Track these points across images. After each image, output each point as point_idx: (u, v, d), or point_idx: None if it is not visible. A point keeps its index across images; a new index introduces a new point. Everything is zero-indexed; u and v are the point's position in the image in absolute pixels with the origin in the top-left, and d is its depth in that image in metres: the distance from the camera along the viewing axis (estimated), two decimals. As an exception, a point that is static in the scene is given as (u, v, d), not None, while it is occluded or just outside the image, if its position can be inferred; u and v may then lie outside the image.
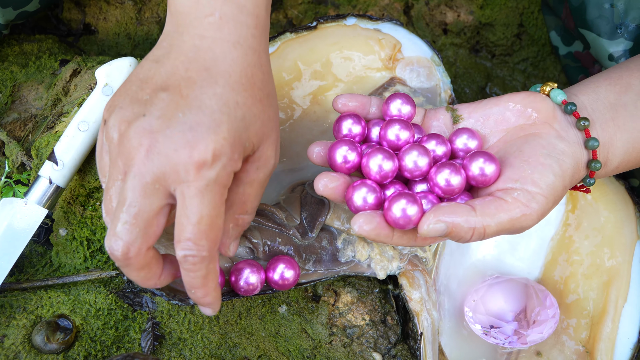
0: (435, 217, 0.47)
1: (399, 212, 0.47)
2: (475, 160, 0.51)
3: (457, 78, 0.93)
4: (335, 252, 0.62)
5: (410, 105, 0.55)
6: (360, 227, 0.47)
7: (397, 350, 0.67)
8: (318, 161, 0.54)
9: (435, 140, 0.54)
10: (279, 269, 0.56)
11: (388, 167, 0.51)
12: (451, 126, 0.57)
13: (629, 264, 0.69)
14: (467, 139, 0.54)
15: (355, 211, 0.50)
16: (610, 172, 0.56)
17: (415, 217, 0.47)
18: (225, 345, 0.66)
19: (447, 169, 0.50)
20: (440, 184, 0.50)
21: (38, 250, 0.69)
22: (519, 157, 0.51)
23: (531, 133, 0.53)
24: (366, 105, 0.56)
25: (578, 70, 0.82)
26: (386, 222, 0.48)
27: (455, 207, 0.47)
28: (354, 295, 0.68)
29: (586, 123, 0.52)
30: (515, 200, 0.48)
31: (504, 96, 0.55)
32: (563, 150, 0.51)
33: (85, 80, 0.70)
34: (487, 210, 0.47)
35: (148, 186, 0.44)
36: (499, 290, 0.68)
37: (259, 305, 0.67)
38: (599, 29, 0.71)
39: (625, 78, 0.55)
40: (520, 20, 0.91)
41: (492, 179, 0.51)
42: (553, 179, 0.49)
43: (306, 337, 0.66)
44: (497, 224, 0.48)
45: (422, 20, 0.93)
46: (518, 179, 0.49)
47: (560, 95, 0.54)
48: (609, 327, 0.67)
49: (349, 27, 0.73)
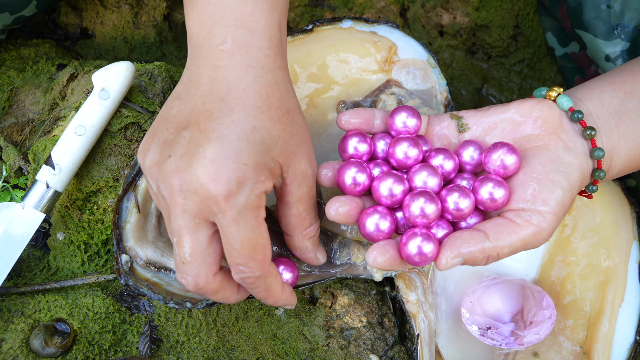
0: (452, 253, 0.47)
1: (414, 249, 0.47)
2: (484, 185, 0.51)
3: (454, 80, 0.93)
4: (330, 254, 0.62)
5: (416, 119, 0.55)
6: (374, 259, 0.48)
7: (394, 352, 0.67)
8: (327, 183, 0.54)
9: (443, 155, 0.53)
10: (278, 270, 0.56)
11: (398, 191, 0.50)
12: (456, 135, 0.56)
13: (626, 264, 0.69)
14: (473, 151, 0.54)
15: (367, 237, 0.50)
16: (611, 177, 0.57)
17: (431, 254, 0.48)
18: (222, 348, 0.66)
19: (456, 193, 0.50)
20: (450, 208, 0.50)
21: (36, 255, 0.69)
22: (529, 174, 0.51)
23: (539, 145, 0.53)
24: (370, 120, 0.56)
25: (574, 71, 0.82)
26: (400, 256, 0.49)
27: (469, 237, 0.48)
28: (351, 298, 0.68)
29: (592, 133, 0.52)
30: (526, 222, 0.49)
31: (511, 104, 0.55)
32: (570, 162, 0.51)
33: (82, 85, 0.70)
34: (500, 236, 0.48)
35: (189, 224, 0.47)
36: (496, 291, 0.68)
37: (256, 307, 0.67)
38: (596, 30, 0.71)
39: (629, 83, 0.55)
40: (516, 22, 0.92)
41: (502, 204, 0.51)
42: (562, 195, 0.50)
43: (303, 340, 0.67)
44: (510, 247, 0.49)
45: (418, 23, 0.93)
46: (529, 199, 0.50)
47: (567, 102, 0.54)
48: (605, 327, 0.68)
49: (345, 29, 0.74)
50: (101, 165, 0.66)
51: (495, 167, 0.51)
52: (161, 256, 0.61)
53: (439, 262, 0.48)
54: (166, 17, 0.89)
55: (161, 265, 0.61)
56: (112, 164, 0.66)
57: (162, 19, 0.88)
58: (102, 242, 0.67)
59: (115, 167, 0.66)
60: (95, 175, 0.66)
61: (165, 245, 0.62)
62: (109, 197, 0.67)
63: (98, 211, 0.67)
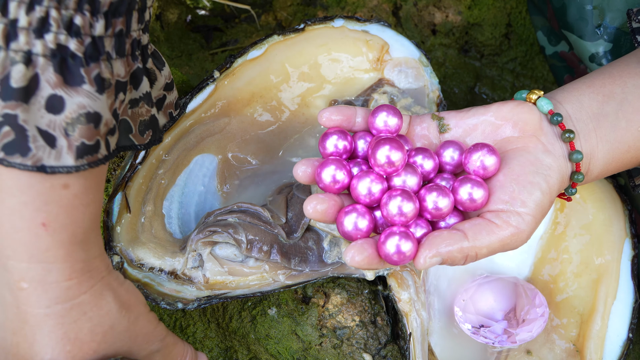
0: (430, 252, 0.47)
1: (393, 248, 0.47)
2: (463, 185, 0.51)
3: (447, 78, 0.93)
4: (321, 253, 0.62)
5: (397, 118, 0.54)
6: (352, 258, 0.48)
7: (387, 351, 0.67)
8: (304, 180, 0.53)
9: (423, 155, 0.53)
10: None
11: (377, 190, 0.50)
12: (437, 135, 0.56)
13: (618, 261, 0.70)
14: (453, 152, 0.54)
15: (345, 236, 0.50)
16: (589, 180, 0.57)
17: (410, 252, 0.47)
18: (216, 349, 0.66)
19: (435, 192, 0.50)
20: (429, 207, 0.50)
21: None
22: (509, 175, 0.51)
23: (519, 147, 0.53)
24: (351, 118, 0.55)
25: (564, 70, 0.83)
26: (378, 254, 0.48)
27: (447, 237, 0.48)
28: (344, 297, 0.68)
29: (571, 135, 0.53)
30: (505, 223, 0.49)
31: (492, 106, 0.55)
32: (550, 165, 0.52)
33: (73, 85, 0.70)
34: (479, 236, 0.48)
35: None
36: (489, 289, 0.68)
37: (249, 307, 0.67)
38: (580, 31, 0.71)
39: (608, 86, 0.56)
40: (508, 20, 0.92)
41: (481, 205, 0.51)
42: (540, 197, 0.50)
43: (296, 339, 0.66)
44: (488, 247, 0.49)
45: (411, 21, 0.93)
46: (508, 200, 0.50)
47: (547, 105, 0.54)
48: (598, 324, 0.68)
49: (336, 29, 0.74)
50: (92, 166, 0.66)
51: (475, 167, 0.52)
52: (152, 256, 0.61)
53: (417, 261, 0.48)
54: (158, 17, 0.89)
55: (152, 265, 0.61)
56: (104, 164, 0.66)
57: (154, 18, 0.88)
58: (94, 243, 0.67)
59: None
60: (87, 176, 0.66)
61: (156, 246, 0.62)
62: (101, 198, 0.66)
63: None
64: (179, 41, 0.92)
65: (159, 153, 0.64)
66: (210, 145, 0.68)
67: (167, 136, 0.64)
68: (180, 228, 0.66)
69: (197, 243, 0.61)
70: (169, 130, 0.64)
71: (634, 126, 0.54)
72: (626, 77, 0.55)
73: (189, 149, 0.67)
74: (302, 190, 0.64)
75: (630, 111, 0.54)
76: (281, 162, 0.69)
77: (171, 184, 0.66)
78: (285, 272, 0.61)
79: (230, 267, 0.61)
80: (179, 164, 0.66)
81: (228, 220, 0.61)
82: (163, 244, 0.63)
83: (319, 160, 0.54)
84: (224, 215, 0.62)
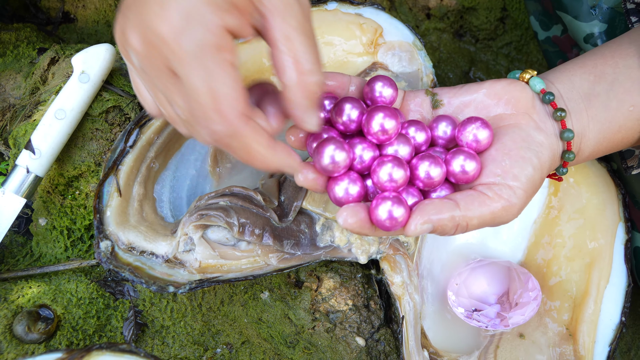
0: (422, 218, 0.47)
1: (385, 214, 0.47)
2: (456, 157, 0.51)
3: (441, 63, 0.92)
4: (314, 237, 0.62)
5: (392, 89, 0.54)
6: (344, 219, 0.47)
7: (380, 335, 0.67)
8: (296, 145, 0.53)
9: (415, 127, 0.53)
10: None
11: (368, 157, 0.50)
12: (430, 111, 0.56)
13: (611, 245, 0.70)
14: (446, 126, 0.54)
15: (336, 202, 0.50)
16: (581, 160, 0.57)
17: (401, 218, 0.47)
18: (208, 332, 0.65)
19: (427, 161, 0.50)
20: (421, 176, 0.50)
21: (18, 241, 0.68)
22: (501, 150, 0.51)
23: (511, 124, 0.53)
24: (345, 85, 0.55)
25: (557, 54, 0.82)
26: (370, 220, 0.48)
27: (439, 204, 0.48)
28: (337, 281, 0.68)
29: (562, 114, 0.53)
30: (496, 195, 0.49)
31: (485, 83, 0.55)
32: (541, 142, 0.52)
33: (63, 69, 0.69)
34: (470, 206, 0.48)
35: (148, 81, 0.42)
36: (482, 273, 0.68)
37: (241, 292, 0.67)
38: (575, 11, 0.71)
39: (599, 66, 0.56)
40: (503, 4, 0.91)
41: (473, 177, 0.51)
42: (532, 172, 0.50)
43: (289, 323, 0.66)
44: (479, 218, 0.49)
45: (405, 5, 0.92)
46: (500, 173, 0.50)
47: (539, 84, 0.54)
48: (591, 308, 0.68)
49: (329, 11, 0.73)
50: (83, 149, 0.65)
51: (468, 140, 0.52)
52: (143, 240, 0.61)
53: (408, 227, 0.47)
54: (150, 1, 0.88)
55: (143, 249, 0.61)
56: (94, 148, 0.66)
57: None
58: (85, 227, 0.67)
59: (97, 151, 0.66)
60: (77, 159, 0.65)
61: (148, 229, 0.62)
62: (91, 182, 0.66)
63: (80, 196, 0.66)
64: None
65: (150, 136, 0.63)
66: (202, 129, 0.68)
67: (158, 118, 0.64)
68: (171, 212, 0.65)
69: (188, 226, 0.60)
70: (160, 113, 0.64)
71: (624, 106, 0.54)
72: (618, 58, 0.55)
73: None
74: None
75: (621, 91, 0.54)
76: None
77: (162, 168, 0.65)
78: (278, 256, 0.61)
79: (222, 250, 0.61)
80: (171, 147, 0.66)
81: (220, 204, 0.61)
82: (154, 228, 0.62)
83: None
84: (216, 198, 0.61)
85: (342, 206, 0.49)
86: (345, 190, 0.49)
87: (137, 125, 0.63)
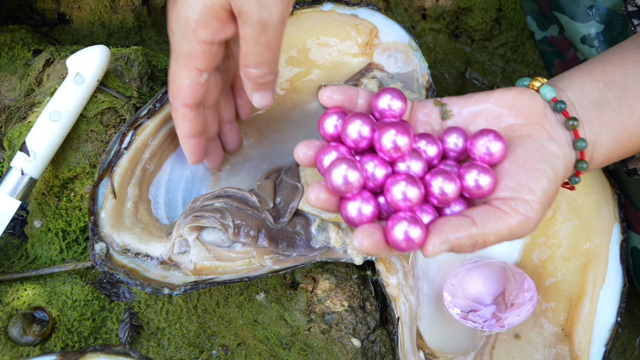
0: (439, 238, 0.46)
1: (401, 234, 0.45)
2: (469, 172, 0.49)
3: (437, 63, 0.92)
4: (309, 238, 0.62)
5: (401, 101, 0.52)
6: (360, 242, 0.46)
7: (376, 336, 0.67)
8: (305, 162, 0.52)
9: (426, 140, 0.52)
10: None
11: (381, 175, 0.49)
12: (440, 122, 0.55)
13: (607, 245, 0.70)
14: (457, 138, 0.52)
15: (349, 222, 0.48)
16: (593, 168, 0.56)
17: (419, 239, 0.45)
18: (203, 334, 0.65)
19: (441, 177, 0.48)
20: (435, 192, 0.49)
21: (13, 243, 0.68)
22: (515, 163, 0.50)
23: (523, 134, 0.52)
24: (353, 98, 0.54)
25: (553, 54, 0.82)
26: (386, 240, 0.47)
27: (456, 223, 0.47)
28: (333, 282, 0.68)
29: (575, 123, 0.52)
30: (513, 210, 0.48)
31: (495, 92, 0.54)
32: (555, 152, 0.51)
33: (58, 70, 0.69)
34: (488, 223, 0.47)
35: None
36: (478, 274, 0.68)
37: (237, 293, 0.67)
38: (572, 12, 0.71)
39: (609, 73, 0.55)
40: (499, 5, 0.91)
41: (487, 192, 0.49)
42: (547, 185, 0.49)
43: (284, 324, 0.66)
44: (497, 234, 0.47)
45: (401, 6, 0.92)
46: (515, 187, 0.49)
47: (550, 93, 0.53)
48: (586, 308, 0.68)
49: (325, 12, 0.73)
50: (77, 151, 0.65)
51: (481, 154, 0.50)
52: (138, 242, 0.61)
53: (425, 248, 0.46)
54: (145, 1, 0.88)
55: (138, 251, 0.61)
56: (89, 150, 0.66)
57: (141, 3, 0.86)
58: (80, 229, 0.67)
59: (92, 153, 0.66)
60: (72, 161, 0.65)
61: (142, 231, 0.62)
62: (86, 184, 0.66)
63: (75, 198, 0.66)
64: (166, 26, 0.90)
65: (145, 137, 0.63)
66: (198, 130, 0.68)
67: (153, 120, 0.64)
68: (167, 214, 0.65)
69: (183, 228, 0.60)
70: (155, 114, 0.64)
71: (636, 114, 0.54)
72: (627, 64, 0.55)
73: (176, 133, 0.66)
74: (290, 174, 0.64)
75: (632, 99, 0.54)
76: (269, 147, 0.69)
77: (157, 169, 0.65)
78: (273, 257, 0.61)
79: (217, 252, 0.61)
80: (166, 149, 0.66)
81: (215, 205, 0.61)
82: (149, 229, 0.62)
83: (321, 142, 0.52)
84: (211, 200, 0.61)
85: (355, 226, 0.48)
86: (358, 210, 0.47)
87: (132, 126, 0.63)
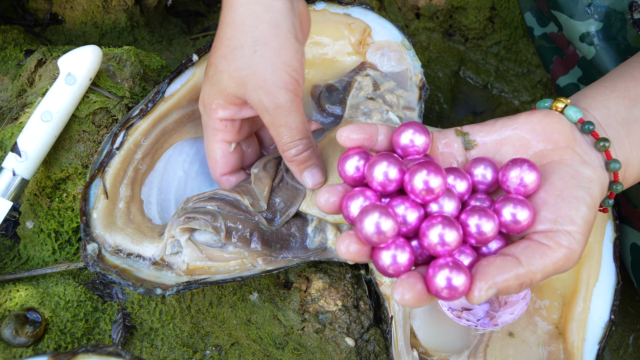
0: (486, 284, 0.43)
1: (443, 282, 0.42)
2: (505, 206, 0.46)
3: (431, 62, 0.92)
4: (304, 239, 0.62)
5: (424, 135, 0.49)
6: (401, 296, 0.42)
7: (369, 335, 0.67)
8: (328, 210, 0.48)
9: (454, 175, 0.48)
10: None
11: (413, 218, 0.46)
12: (463, 152, 0.52)
13: (600, 243, 0.70)
14: (484, 169, 0.49)
15: (384, 273, 0.45)
16: (625, 188, 0.54)
17: (463, 287, 0.42)
18: (197, 335, 0.65)
19: (477, 215, 0.45)
20: (473, 232, 0.45)
21: (6, 244, 0.68)
22: (551, 192, 0.47)
23: (555, 160, 0.49)
24: (373, 136, 0.50)
25: (552, 51, 0.82)
26: (428, 290, 0.43)
27: (501, 265, 0.43)
28: (326, 281, 0.67)
29: (607, 144, 0.50)
30: (556, 244, 0.45)
31: (519, 117, 0.51)
32: (590, 177, 0.48)
33: (50, 70, 0.68)
34: (532, 260, 0.44)
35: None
36: (471, 272, 0.68)
37: (230, 293, 0.67)
38: (571, 10, 0.70)
39: (632, 89, 0.53)
40: (492, 3, 0.91)
41: (526, 226, 0.46)
42: (587, 212, 0.47)
43: (278, 324, 0.66)
44: (543, 272, 0.45)
45: (395, 5, 0.92)
46: (555, 218, 0.46)
47: (576, 114, 0.51)
48: (580, 306, 0.68)
49: (318, 12, 0.73)
50: (70, 152, 0.65)
51: (515, 185, 0.48)
52: (130, 242, 0.60)
53: (471, 295, 0.42)
54: (137, 1, 0.88)
55: (130, 251, 0.60)
56: (81, 150, 0.65)
57: (133, 3, 0.86)
58: (73, 230, 0.66)
59: (84, 153, 0.65)
60: (64, 162, 0.65)
61: (135, 232, 0.61)
62: (79, 184, 0.66)
63: (68, 199, 0.66)
64: (159, 26, 0.90)
65: (137, 138, 0.63)
66: (190, 130, 0.67)
67: (145, 120, 0.63)
68: (159, 214, 0.65)
69: (175, 229, 0.60)
70: (147, 114, 0.64)
71: None
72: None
73: (168, 133, 0.66)
74: (292, 176, 0.63)
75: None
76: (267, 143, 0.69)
77: (150, 169, 0.65)
78: (266, 258, 0.61)
79: (210, 252, 0.61)
80: (158, 149, 0.65)
81: (207, 208, 0.60)
82: (142, 230, 0.62)
83: (344, 187, 0.48)
84: (203, 202, 0.61)
85: (389, 276, 0.45)
86: (393, 258, 0.44)
87: (124, 127, 0.62)
